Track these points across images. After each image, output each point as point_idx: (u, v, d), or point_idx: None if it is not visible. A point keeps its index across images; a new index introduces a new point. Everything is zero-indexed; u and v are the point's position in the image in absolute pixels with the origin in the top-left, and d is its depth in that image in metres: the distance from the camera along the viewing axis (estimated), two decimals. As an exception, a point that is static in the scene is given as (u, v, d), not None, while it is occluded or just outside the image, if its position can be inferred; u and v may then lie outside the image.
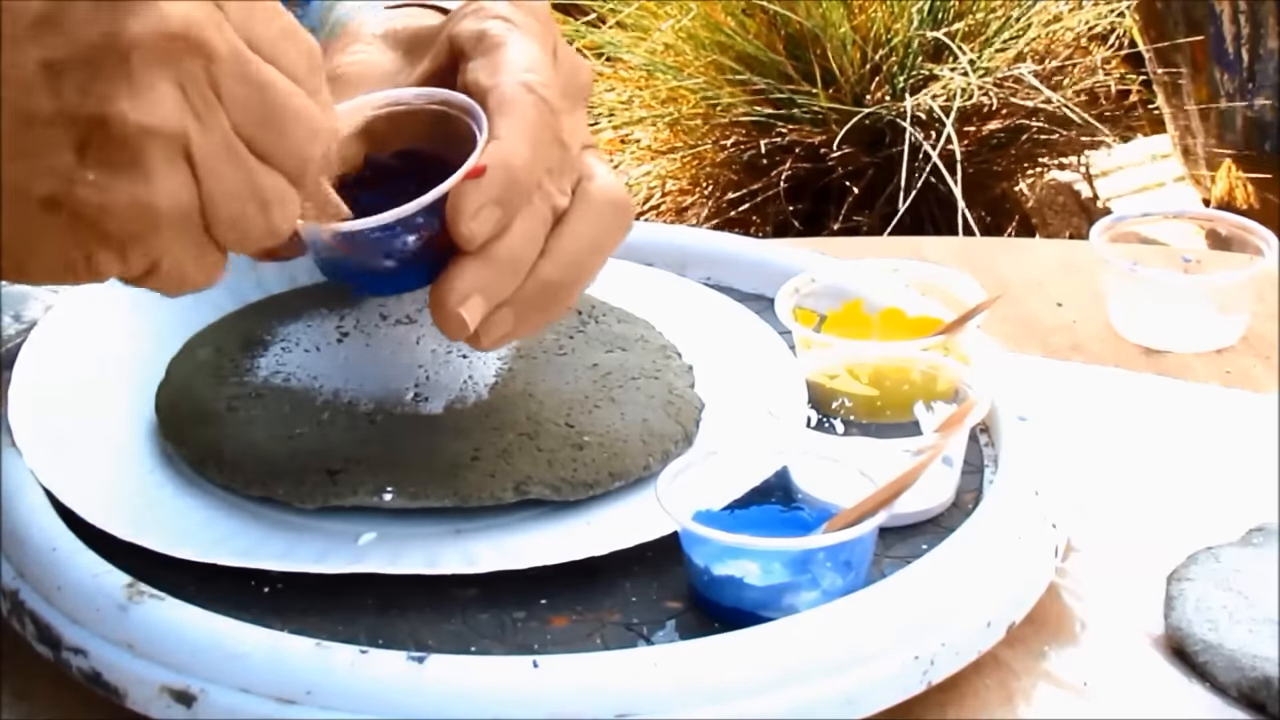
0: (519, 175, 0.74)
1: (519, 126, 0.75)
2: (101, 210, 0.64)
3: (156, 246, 0.65)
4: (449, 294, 0.74)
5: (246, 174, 0.66)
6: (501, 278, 0.75)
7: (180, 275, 0.67)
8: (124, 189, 0.64)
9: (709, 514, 0.76)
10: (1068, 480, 0.83)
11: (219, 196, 0.66)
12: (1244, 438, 0.94)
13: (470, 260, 0.74)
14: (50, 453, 0.80)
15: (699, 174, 2.83)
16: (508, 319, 0.76)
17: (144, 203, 0.64)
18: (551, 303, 0.77)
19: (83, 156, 0.63)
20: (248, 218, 0.67)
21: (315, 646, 0.69)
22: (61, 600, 0.74)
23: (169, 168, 0.64)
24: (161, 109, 0.64)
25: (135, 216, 0.64)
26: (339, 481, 0.78)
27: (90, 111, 0.63)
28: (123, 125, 0.63)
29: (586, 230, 0.77)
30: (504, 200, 0.73)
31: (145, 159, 0.64)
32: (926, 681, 0.72)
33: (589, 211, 0.77)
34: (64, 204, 0.64)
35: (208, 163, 0.65)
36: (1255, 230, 1.08)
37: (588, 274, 0.78)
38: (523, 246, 0.75)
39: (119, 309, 0.90)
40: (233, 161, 0.66)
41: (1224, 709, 0.74)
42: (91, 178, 0.63)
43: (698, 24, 2.76)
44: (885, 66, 2.68)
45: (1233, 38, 2.73)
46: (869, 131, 2.72)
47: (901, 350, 0.86)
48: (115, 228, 0.64)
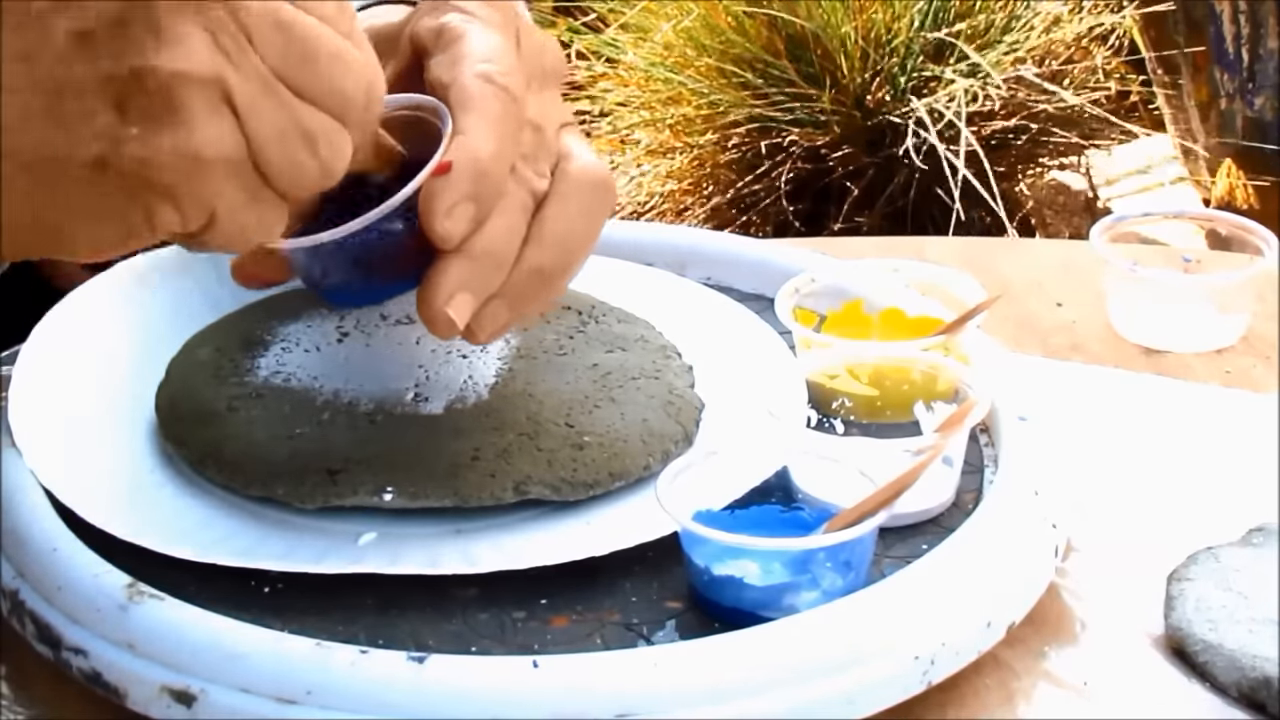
0: (487, 168, 0.73)
1: (481, 119, 0.74)
2: (149, 164, 0.64)
3: (209, 194, 0.66)
4: (435, 294, 0.74)
5: (289, 112, 0.66)
6: (486, 271, 0.74)
7: (239, 226, 0.67)
8: (167, 139, 0.64)
9: (709, 514, 0.76)
10: (1068, 480, 0.83)
11: (264, 136, 0.66)
12: (1244, 438, 0.94)
13: (452, 258, 0.74)
14: (50, 453, 0.80)
15: (699, 174, 2.83)
16: (501, 311, 0.75)
17: (189, 150, 0.65)
18: (543, 289, 0.76)
19: (123, 114, 0.64)
20: (298, 157, 0.67)
21: (315, 646, 0.69)
22: (61, 600, 0.74)
23: (210, 113, 0.65)
24: (194, 56, 0.64)
25: (183, 165, 0.65)
26: (339, 481, 0.78)
27: (125, 69, 0.64)
28: (157, 76, 0.64)
29: (569, 212, 0.77)
30: (475, 195, 0.73)
31: (184, 106, 0.64)
32: (926, 681, 0.72)
33: (570, 193, 0.77)
34: (111, 164, 0.64)
35: (248, 103, 0.65)
36: (1255, 230, 1.08)
37: (577, 256, 0.77)
38: (504, 237, 0.75)
39: (119, 309, 0.90)
40: (273, 99, 0.66)
41: (1224, 709, 0.74)
42: (135, 133, 0.64)
43: (698, 25, 2.76)
44: (886, 68, 2.68)
45: (1233, 38, 2.73)
46: (869, 132, 2.72)
47: (901, 350, 0.86)
48: (166, 179, 0.65)
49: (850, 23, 2.67)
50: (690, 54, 2.79)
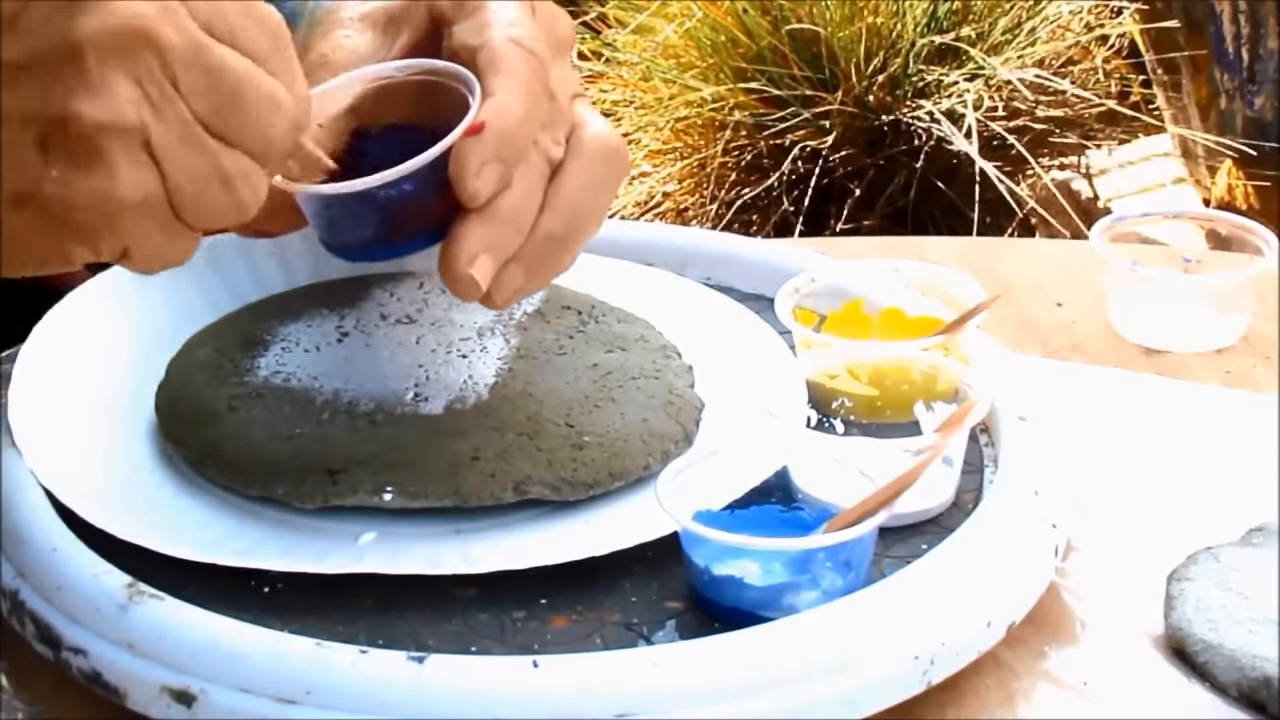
0: (517, 130, 0.74)
1: (512, 82, 0.75)
2: (67, 205, 0.66)
3: (125, 234, 0.67)
4: (458, 255, 0.75)
5: (208, 158, 0.67)
6: (506, 235, 0.75)
7: (153, 257, 0.69)
8: (87, 183, 0.65)
9: (709, 514, 0.76)
10: (1068, 480, 0.83)
11: (182, 182, 0.67)
12: (1244, 438, 0.94)
13: (475, 219, 0.75)
14: (50, 453, 0.80)
15: (700, 175, 2.83)
16: (517, 275, 0.77)
17: (108, 195, 0.65)
18: (558, 254, 0.78)
19: (46, 154, 0.65)
20: (213, 199, 0.68)
21: (315, 646, 0.69)
22: (61, 600, 0.74)
23: (130, 161, 0.65)
24: (118, 105, 0.65)
25: (101, 209, 0.66)
26: (339, 481, 0.78)
27: (51, 111, 0.64)
28: (81, 123, 0.64)
29: (584, 179, 0.78)
30: (504, 156, 0.74)
31: (106, 154, 0.65)
32: (926, 681, 0.72)
33: (584, 160, 0.78)
34: (30, 200, 0.65)
35: (168, 151, 0.66)
36: (1255, 230, 1.08)
37: (590, 223, 0.78)
38: (524, 202, 0.76)
39: (119, 309, 0.90)
40: (193, 148, 0.67)
41: (1224, 709, 0.74)
42: (55, 174, 0.65)
43: (701, 25, 2.76)
44: (890, 69, 2.68)
45: (1233, 38, 2.73)
46: (870, 133, 2.72)
47: (901, 350, 0.86)
48: (83, 220, 0.66)
49: (853, 24, 2.66)
50: (692, 54, 2.79)
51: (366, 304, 0.90)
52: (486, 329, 0.88)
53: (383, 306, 0.90)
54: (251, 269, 0.94)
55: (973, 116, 2.59)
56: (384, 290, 0.91)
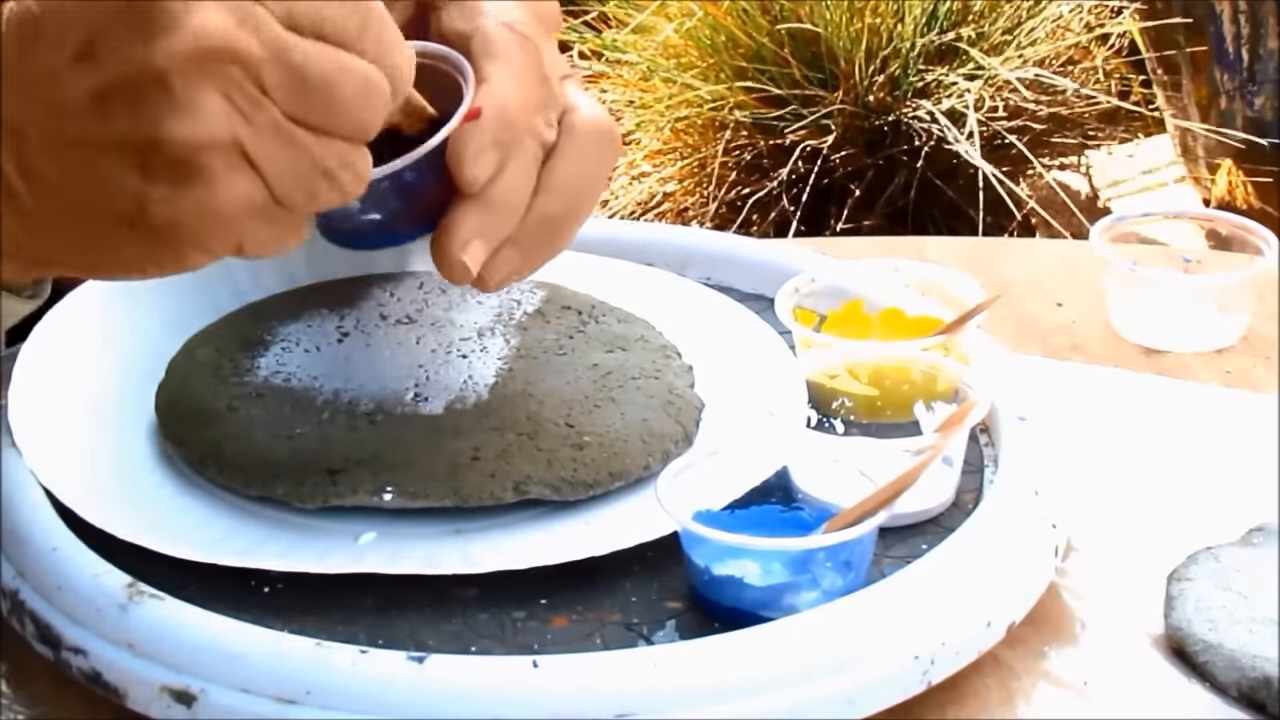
0: (515, 116, 0.75)
1: (507, 67, 0.76)
2: (175, 223, 0.66)
3: (236, 236, 0.68)
4: (450, 240, 0.75)
5: (305, 154, 0.67)
6: (500, 219, 0.76)
7: (263, 248, 0.69)
8: (191, 199, 0.66)
9: (709, 514, 0.76)
10: (1068, 480, 0.83)
11: (283, 181, 0.67)
12: (1244, 438, 0.94)
13: (468, 205, 0.75)
14: (50, 453, 0.80)
15: (700, 175, 2.83)
16: (512, 258, 0.77)
17: (213, 208, 0.66)
18: (552, 237, 0.78)
19: (147, 176, 0.66)
20: (316, 190, 0.68)
21: (315, 646, 0.69)
22: (61, 600, 0.74)
23: (230, 172, 0.66)
24: (209, 121, 0.65)
25: (209, 220, 0.66)
26: (339, 481, 0.78)
27: (143, 135, 0.65)
28: (174, 144, 0.65)
29: (577, 162, 0.78)
30: (502, 142, 0.75)
31: (205, 170, 0.65)
32: (926, 681, 0.72)
33: (577, 143, 0.78)
34: (139, 222, 0.66)
35: (264, 155, 0.66)
36: (1255, 230, 1.08)
37: (585, 204, 0.79)
38: (517, 185, 0.76)
39: (119, 309, 0.90)
40: (289, 147, 0.67)
41: (1224, 709, 0.74)
42: (159, 195, 0.66)
43: (701, 25, 2.76)
44: (889, 69, 2.68)
45: (1233, 38, 2.73)
46: (870, 133, 2.72)
47: (901, 350, 0.86)
48: (195, 233, 0.67)
49: (853, 24, 2.66)
50: (692, 54, 2.79)
51: (366, 304, 0.90)
52: (486, 329, 0.88)
53: (383, 306, 0.90)
54: (251, 269, 0.94)
55: (973, 117, 2.59)
56: (384, 290, 0.91)
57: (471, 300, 0.91)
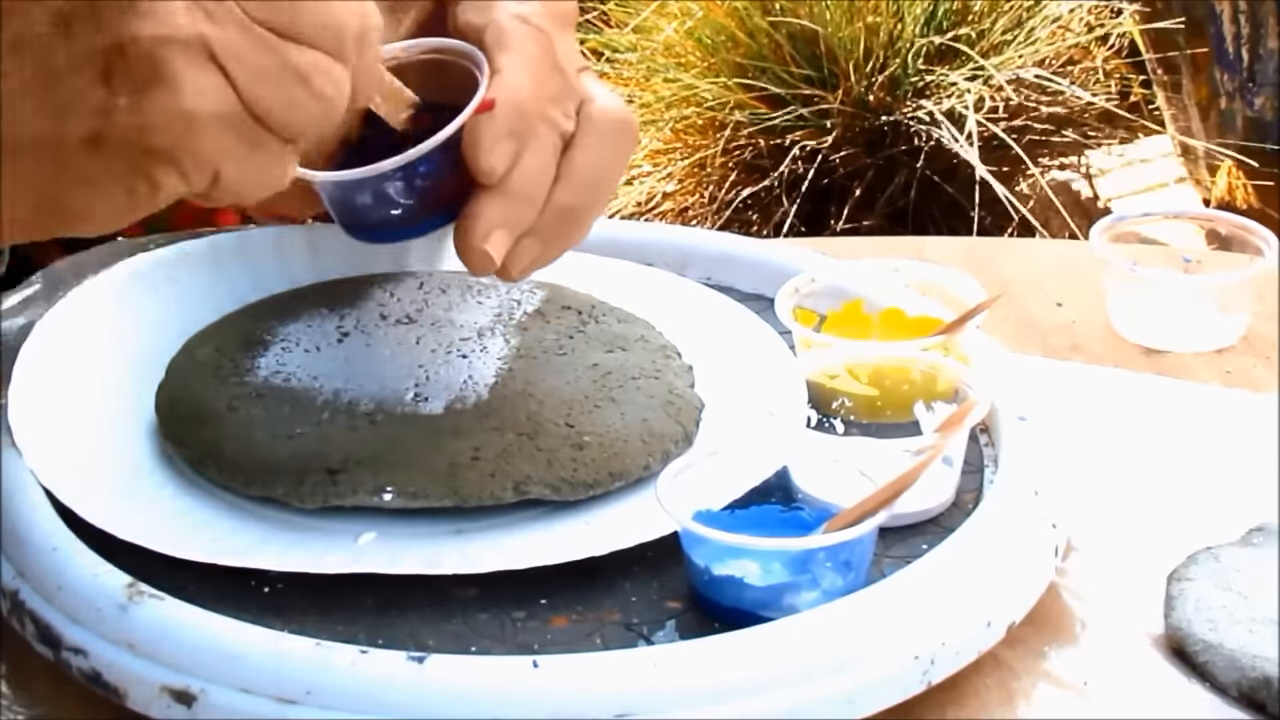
0: (527, 106, 0.76)
1: (520, 59, 0.77)
2: (143, 130, 0.65)
3: (209, 150, 0.66)
4: (472, 230, 0.77)
5: (276, 54, 0.66)
6: (521, 209, 0.77)
7: (245, 178, 0.68)
8: (158, 102, 0.65)
9: (709, 514, 0.76)
10: (1068, 480, 0.83)
11: (253, 84, 0.66)
12: (1244, 438, 0.94)
13: (489, 195, 0.76)
14: (50, 453, 0.80)
15: (700, 175, 2.83)
16: (533, 247, 0.79)
17: (180, 110, 0.65)
18: (572, 226, 0.80)
19: (110, 86, 0.65)
20: (293, 96, 0.67)
21: (315, 646, 0.69)
22: (61, 600, 0.74)
23: (195, 70, 0.65)
24: (172, 18, 0.65)
25: (177, 125, 0.65)
26: (339, 481, 0.78)
27: (106, 42, 0.65)
28: (138, 45, 0.65)
29: (596, 152, 0.79)
30: (515, 132, 0.76)
31: (169, 69, 0.65)
32: (926, 681, 0.72)
33: (595, 133, 0.80)
34: (106, 136, 0.65)
35: (231, 55, 0.66)
36: (1255, 230, 1.08)
37: (603, 193, 0.80)
38: (537, 176, 0.77)
39: (119, 309, 0.90)
40: (257, 45, 0.66)
41: (1224, 709, 0.74)
42: (124, 102, 0.65)
43: (701, 25, 2.76)
44: (889, 69, 2.68)
45: (1233, 38, 2.73)
46: (870, 133, 2.72)
47: (901, 350, 0.86)
48: (162, 142, 0.66)
49: (853, 24, 2.67)
50: (692, 54, 2.79)
51: (366, 304, 0.90)
52: (486, 329, 0.88)
53: (383, 306, 0.90)
54: (252, 269, 0.94)
55: (973, 117, 2.59)
56: (384, 290, 0.91)
57: (471, 300, 0.91)
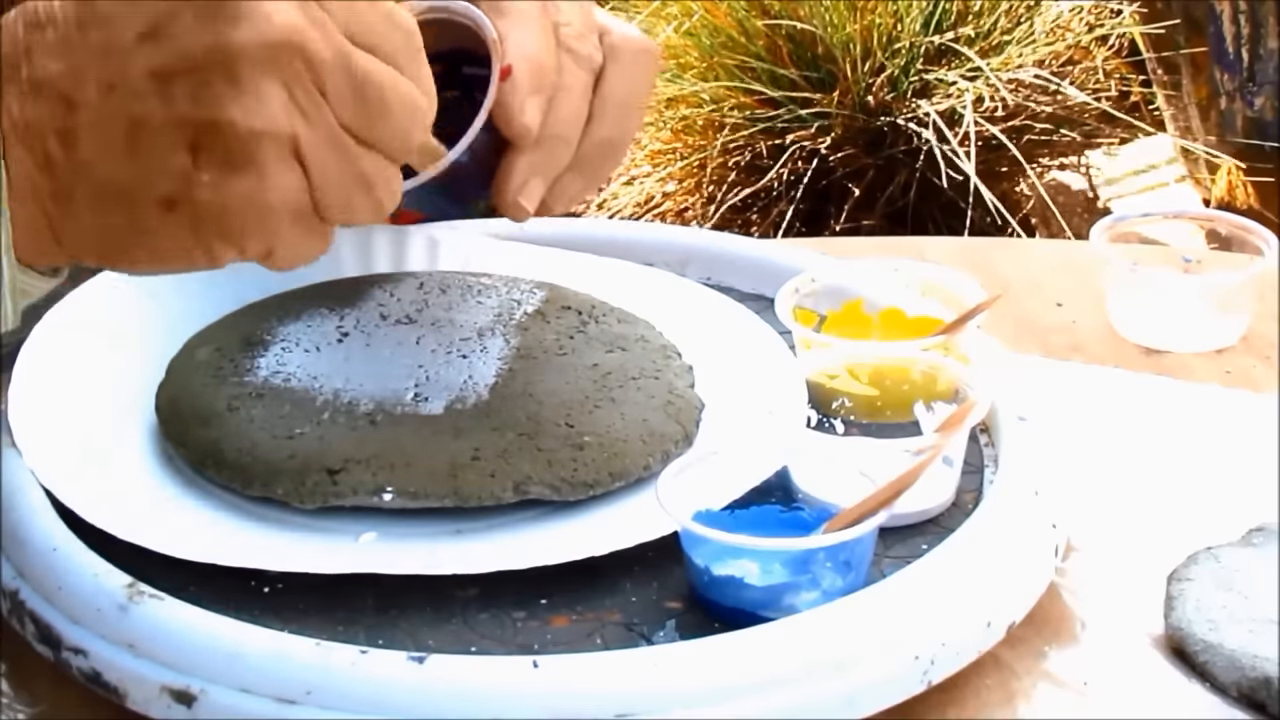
0: (542, 60, 0.80)
1: (520, 18, 0.81)
2: (219, 208, 0.68)
3: (271, 236, 0.70)
4: (507, 186, 0.81)
5: (351, 162, 0.70)
6: (555, 153, 0.81)
7: (293, 257, 0.71)
8: (239, 187, 0.67)
9: (709, 514, 0.76)
10: (1068, 480, 0.83)
11: (327, 186, 0.69)
12: (1244, 438, 0.94)
13: (519, 151, 0.81)
14: (50, 452, 0.80)
15: (700, 175, 2.83)
16: (575, 182, 0.83)
17: (259, 200, 0.68)
18: (610, 157, 0.84)
19: (197, 158, 0.67)
20: (354, 201, 0.71)
21: (315, 646, 0.69)
22: (61, 600, 0.74)
23: (280, 165, 0.68)
24: (270, 112, 0.67)
25: (251, 212, 0.68)
26: (339, 481, 0.78)
27: (202, 117, 0.66)
28: (234, 130, 0.66)
29: (625, 82, 0.83)
30: (540, 87, 0.80)
31: (258, 160, 0.67)
32: (926, 681, 0.72)
33: (622, 64, 0.84)
34: (181, 204, 0.68)
35: (315, 156, 0.68)
36: (1255, 230, 1.08)
37: (635, 121, 0.85)
38: (567, 119, 0.81)
39: (119, 309, 0.90)
40: (338, 152, 0.69)
41: (1224, 709, 0.74)
42: (207, 179, 0.67)
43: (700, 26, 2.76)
44: (889, 69, 2.68)
45: (1233, 38, 2.73)
46: (870, 133, 2.72)
47: (901, 350, 0.86)
48: (233, 223, 0.68)
49: (852, 24, 2.66)
50: (692, 55, 2.79)
51: (366, 304, 0.90)
52: (487, 329, 0.88)
53: (383, 306, 0.90)
54: (252, 269, 0.94)
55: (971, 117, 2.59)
56: (384, 290, 0.91)
57: (471, 300, 0.91)
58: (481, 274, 0.94)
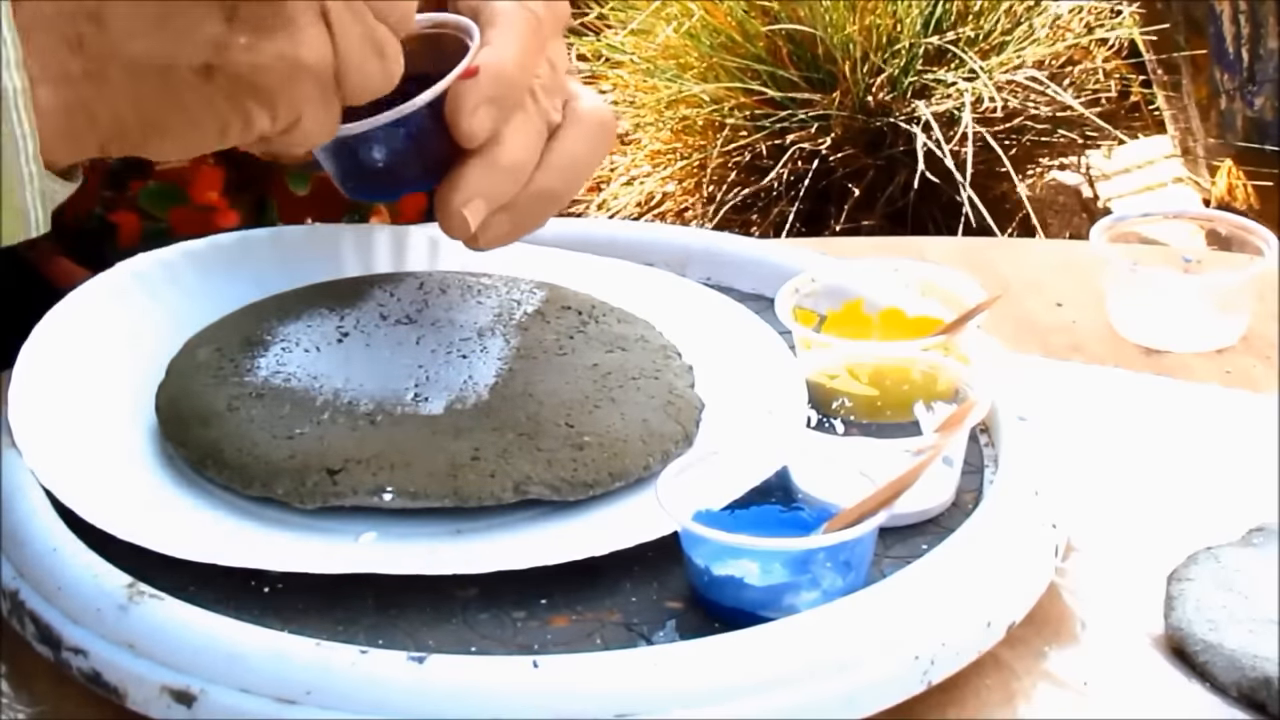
0: (511, 76, 0.81)
1: (509, 34, 0.82)
2: (254, 69, 0.73)
3: (300, 99, 0.74)
4: (454, 195, 0.81)
5: (369, 30, 0.75)
6: (502, 183, 0.82)
7: (314, 130, 0.76)
8: (273, 48, 0.73)
9: (709, 514, 0.76)
10: (1068, 480, 0.83)
11: (349, 49, 0.75)
12: (1244, 438, 0.94)
13: (475, 165, 0.81)
14: (50, 453, 0.80)
15: (700, 175, 2.83)
16: (505, 222, 0.83)
17: (292, 58, 0.73)
18: (545, 209, 0.84)
19: (232, 24, 0.72)
20: (369, 66, 0.76)
21: (315, 646, 0.69)
22: (61, 600, 0.74)
23: (311, 27, 0.74)
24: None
25: (284, 71, 0.73)
26: (339, 481, 0.78)
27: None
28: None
29: (578, 145, 0.84)
30: (498, 99, 0.80)
31: (291, 21, 0.73)
32: (926, 681, 0.72)
33: (580, 128, 0.85)
34: (217, 70, 0.73)
35: (340, 20, 0.74)
36: (1255, 230, 1.08)
37: (578, 184, 0.85)
38: (522, 155, 0.82)
39: (119, 309, 0.90)
40: (358, 18, 0.75)
41: (1224, 709, 0.74)
42: (243, 41, 0.73)
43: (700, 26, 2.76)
44: (888, 69, 2.68)
45: (1233, 38, 2.73)
46: (870, 133, 2.72)
47: (901, 350, 0.86)
48: (267, 83, 0.73)
49: (852, 25, 2.66)
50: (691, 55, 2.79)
51: (366, 304, 0.90)
52: (487, 329, 0.88)
53: (383, 306, 0.90)
54: (252, 269, 0.94)
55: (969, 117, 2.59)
56: (384, 290, 0.91)
57: (471, 300, 0.91)
58: (481, 274, 0.94)
